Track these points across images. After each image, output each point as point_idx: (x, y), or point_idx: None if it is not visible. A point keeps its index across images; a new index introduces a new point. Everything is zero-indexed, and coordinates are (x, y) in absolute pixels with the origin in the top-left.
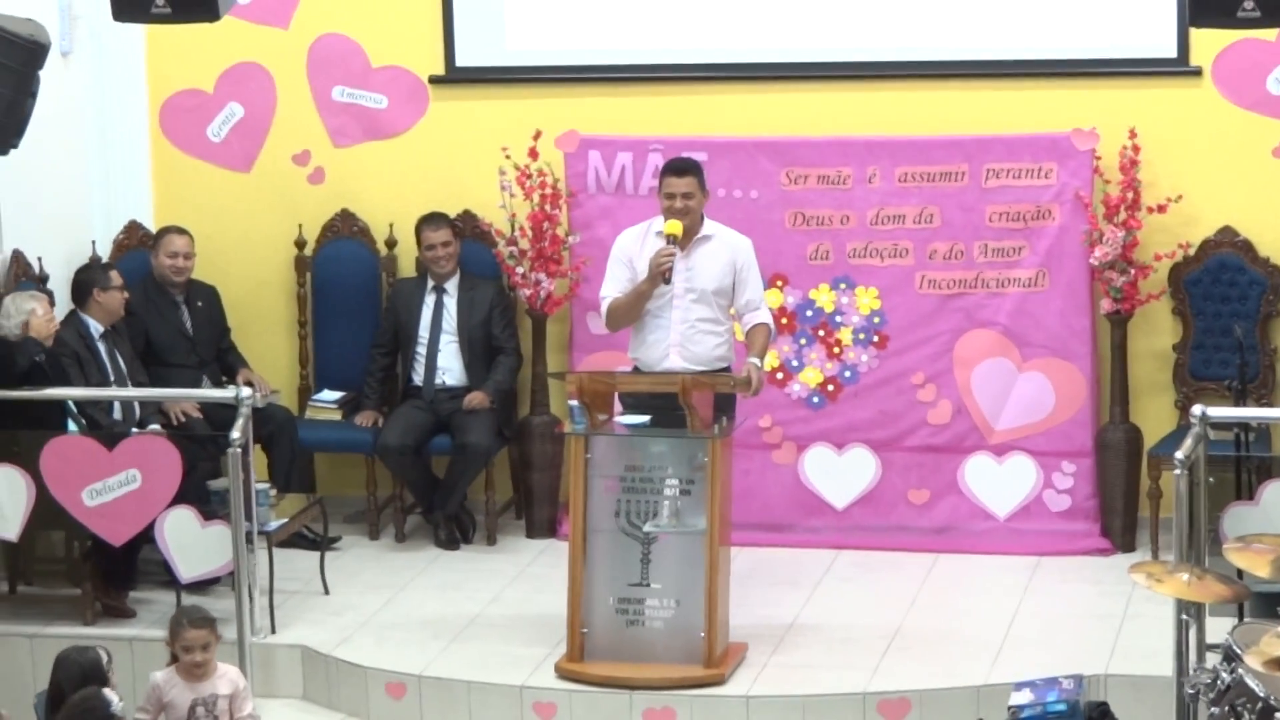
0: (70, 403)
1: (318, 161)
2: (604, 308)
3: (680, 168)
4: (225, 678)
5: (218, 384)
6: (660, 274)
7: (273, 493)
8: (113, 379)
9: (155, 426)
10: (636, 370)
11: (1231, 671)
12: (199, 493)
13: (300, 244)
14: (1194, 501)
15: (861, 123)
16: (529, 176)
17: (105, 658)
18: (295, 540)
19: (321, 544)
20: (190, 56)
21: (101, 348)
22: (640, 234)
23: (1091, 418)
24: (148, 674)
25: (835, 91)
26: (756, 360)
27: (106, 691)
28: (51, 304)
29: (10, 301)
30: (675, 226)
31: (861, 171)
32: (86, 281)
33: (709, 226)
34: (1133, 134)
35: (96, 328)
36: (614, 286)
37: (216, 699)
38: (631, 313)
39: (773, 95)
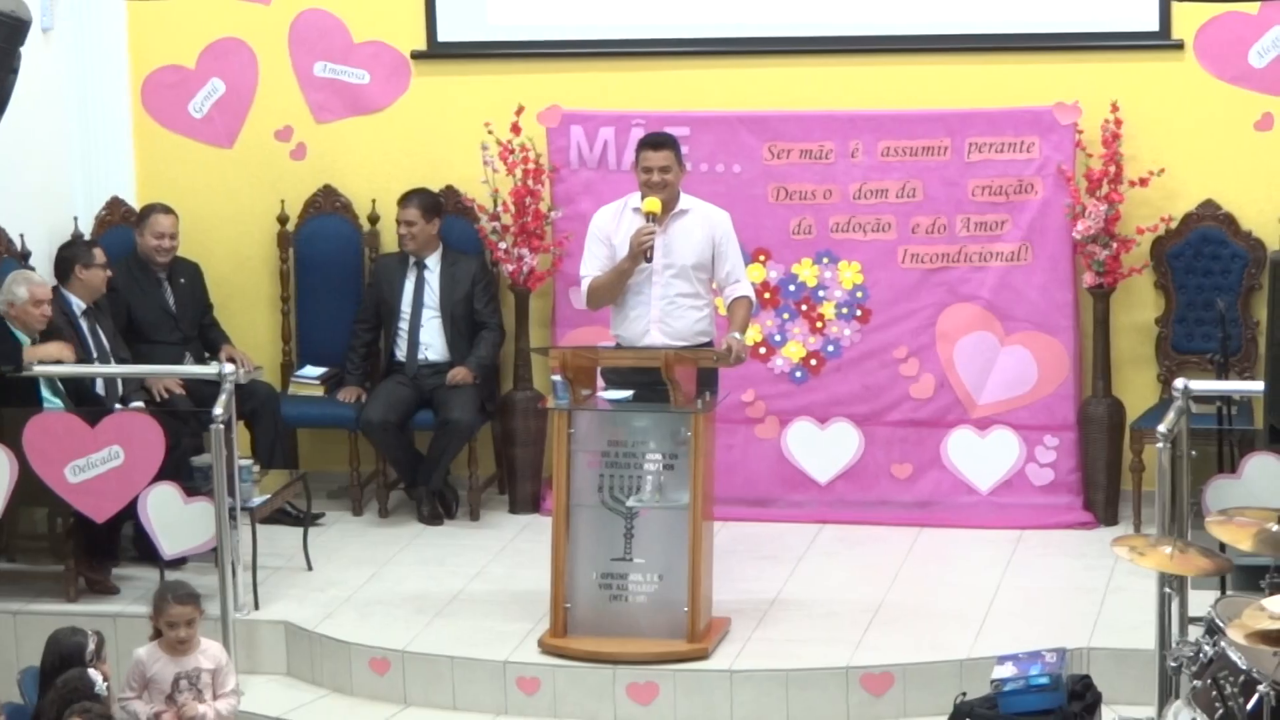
0: (56, 380)
1: (300, 137)
2: (584, 286)
3: (657, 142)
4: (208, 653)
5: (200, 360)
6: (641, 252)
7: (255, 469)
8: (95, 356)
9: (138, 403)
10: (619, 346)
11: (1214, 644)
12: (182, 469)
13: (283, 220)
14: (1176, 475)
15: (844, 97)
16: (511, 151)
17: (94, 641)
18: (278, 516)
19: (305, 520)
20: (172, 32)
21: (84, 324)
22: (617, 211)
23: (1074, 391)
24: (131, 650)
25: (817, 66)
26: (737, 334)
27: (90, 672)
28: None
29: (9, 280)
30: (654, 204)
31: (844, 146)
32: (69, 258)
33: (686, 201)
34: (1115, 108)
35: (78, 304)
36: (593, 265)
37: (200, 673)
38: (612, 291)
39: (755, 70)
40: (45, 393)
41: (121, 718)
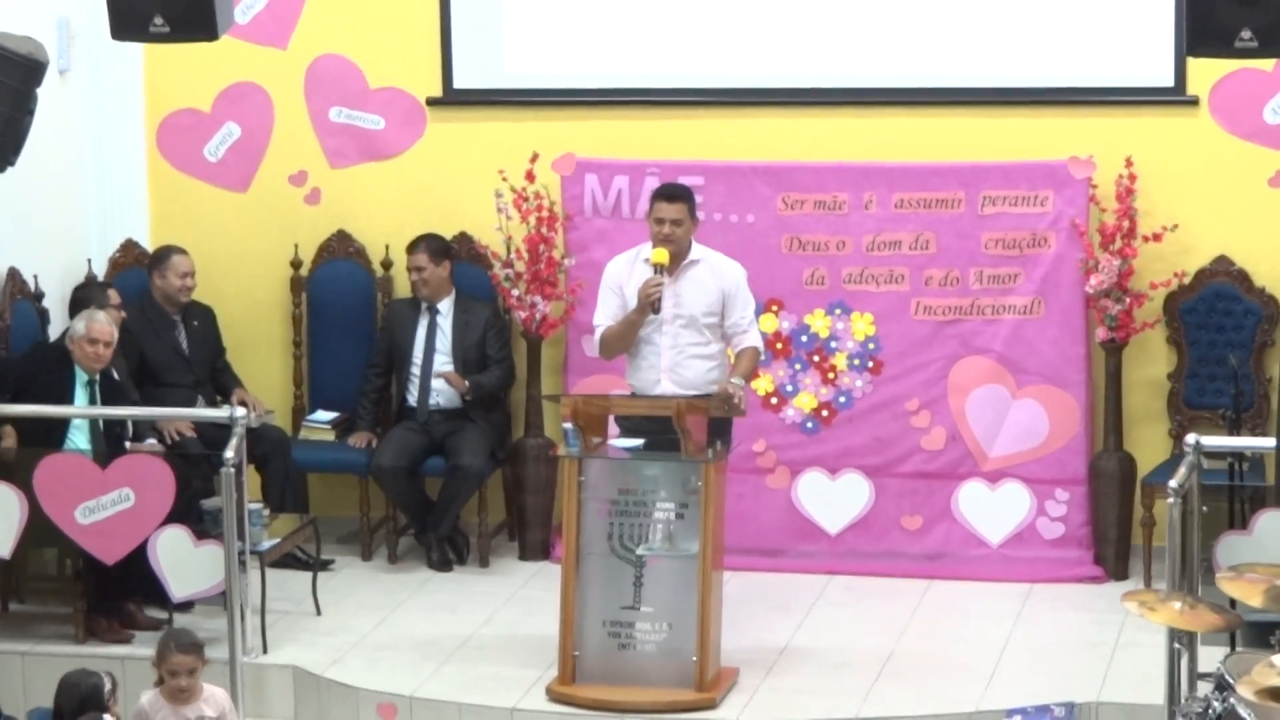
0: (99, 424)
1: (314, 182)
2: (596, 336)
3: (671, 194)
4: (212, 700)
5: (212, 404)
6: (649, 304)
7: (266, 513)
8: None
9: (152, 441)
10: (634, 395)
11: (1223, 701)
12: (192, 512)
13: (296, 264)
14: (1187, 530)
15: (858, 149)
16: (525, 199)
17: (109, 684)
18: (288, 561)
19: (314, 565)
20: (188, 76)
21: (128, 386)
22: (629, 261)
23: (1085, 445)
24: (139, 692)
25: (832, 117)
26: (736, 379)
27: (106, 718)
28: (114, 333)
29: (83, 312)
30: (662, 255)
31: (858, 197)
32: (84, 300)
33: (698, 251)
34: (1129, 162)
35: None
36: (605, 315)
37: None
38: (624, 341)
39: (770, 120)
40: (74, 436)
41: None
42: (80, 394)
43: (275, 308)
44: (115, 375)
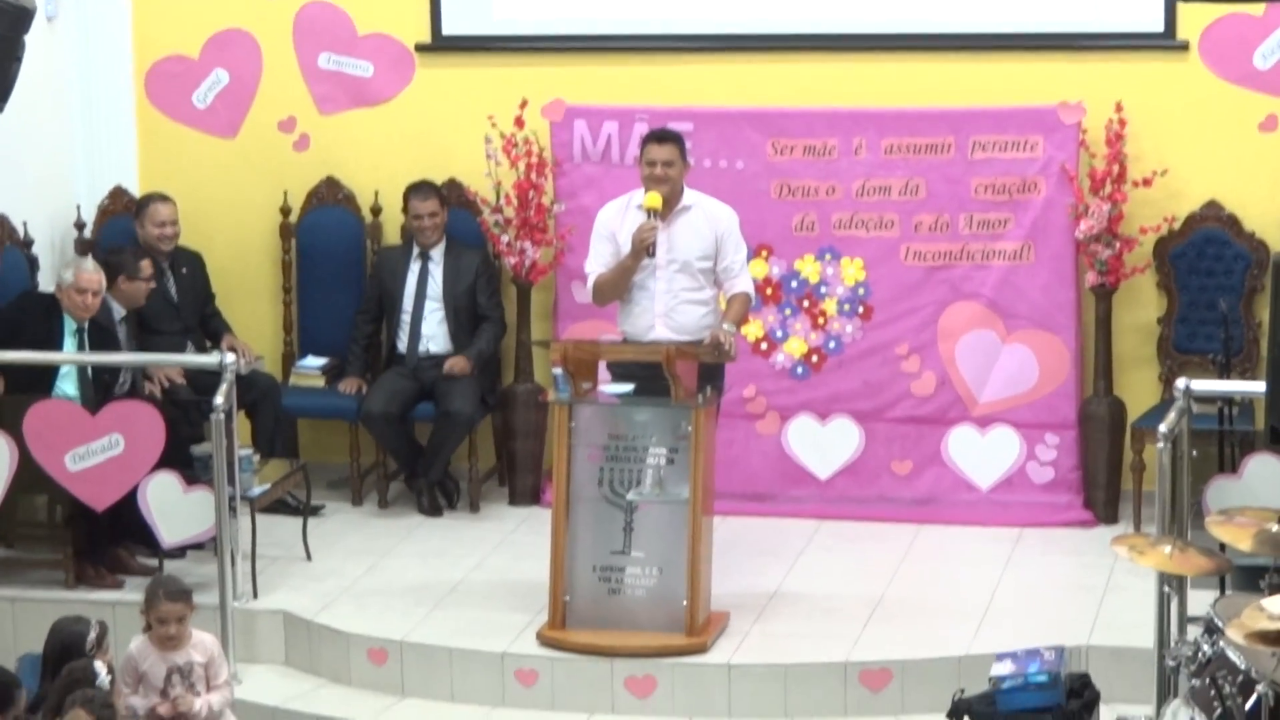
0: (87, 371)
1: (303, 128)
2: (589, 283)
3: (662, 136)
4: (200, 645)
5: (202, 350)
6: (644, 248)
7: (256, 458)
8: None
9: (153, 388)
10: (625, 341)
11: (1213, 644)
12: (182, 458)
13: (285, 211)
14: (1177, 474)
15: (848, 94)
16: (515, 145)
17: (96, 631)
18: (278, 506)
19: (304, 510)
20: (176, 22)
21: (121, 331)
22: (621, 207)
23: (1075, 390)
24: (129, 638)
25: (822, 63)
26: (727, 325)
27: (96, 664)
28: (102, 281)
29: (69, 259)
30: (655, 199)
31: (848, 143)
32: (115, 265)
33: (690, 196)
34: (1119, 108)
35: (118, 310)
36: (598, 262)
37: (192, 666)
38: (617, 287)
39: (759, 66)
40: (62, 384)
41: (123, 711)
42: (69, 342)
43: (264, 254)
44: (131, 315)
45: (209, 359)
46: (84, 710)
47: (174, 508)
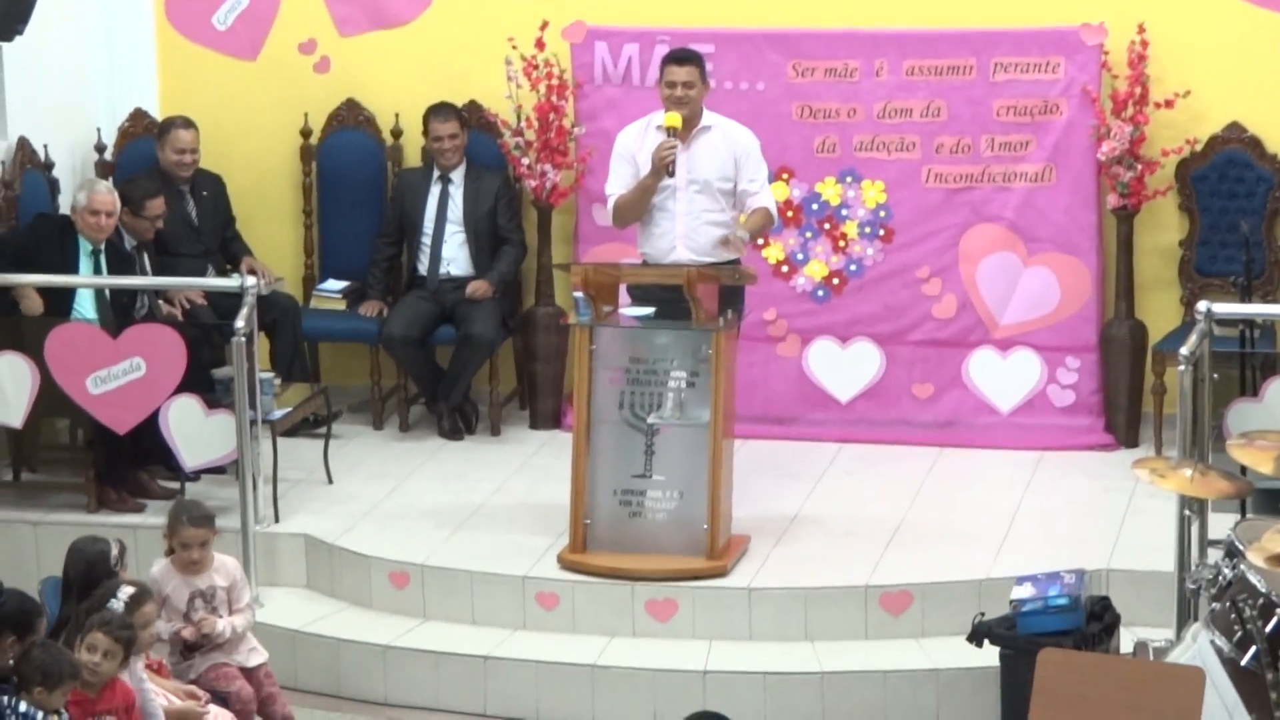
0: (105, 294)
1: (324, 50)
2: (609, 205)
3: (681, 56)
4: (223, 569)
5: (222, 273)
6: (664, 167)
7: (277, 382)
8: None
9: (172, 310)
10: (645, 263)
11: (1233, 567)
12: (203, 381)
13: (306, 133)
14: (1198, 398)
15: (869, 15)
16: (535, 67)
17: (116, 549)
18: (299, 427)
19: (327, 419)
20: None
21: (136, 258)
22: (640, 129)
23: (1096, 313)
24: (151, 560)
25: None
26: (742, 232)
27: (124, 589)
28: (115, 203)
29: (82, 181)
30: (674, 119)
31: (869, 64)
32: (125, 196)
33: (709, 118)
34: (1141, 29)
35: (129, 240)
36: (618, 183)
37: (215, 590)
38: (638, 208)
39: None
40: (80, 306)
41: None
42: (85, 264)
43: (285, 177)
44: (130, 244)
45: (230, 282)
46: (102, 633)
47: (195, 431)
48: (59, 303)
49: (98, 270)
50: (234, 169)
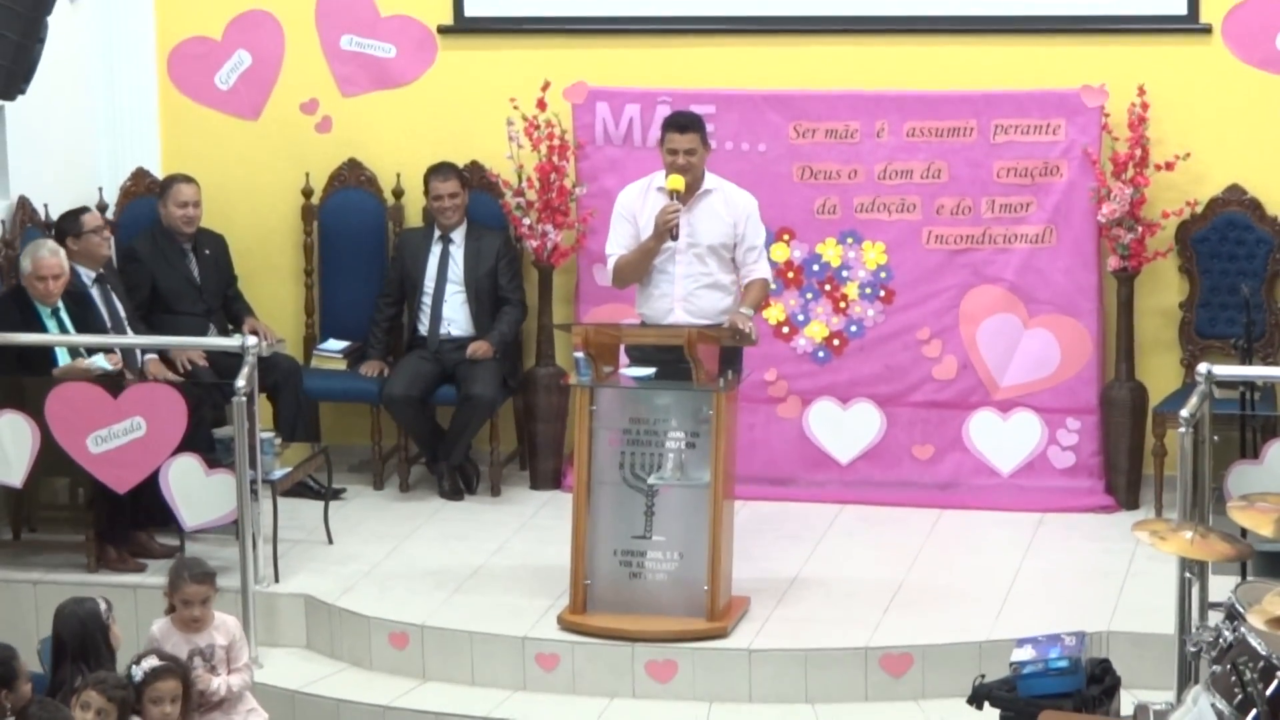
0: (81, 350)
1: (325, 110)
2: (609, 265)
3: (683, 124)
4: (222, 628)
5: (224, 332)
6: (667, 230)
7: (277, 441)
8: (108, 324)
9: (153, 355)
10: (644, 324)
11: (1234, 630)
12: (204, 441)
13: (307, 193)
14: (1198, 459)
15: (870, 77)
16: (537, 127)
17: (105, 606)
18: (299, 490)
19: (326, 494)
20: (199, 3)
21: (95, 293)
22: (642, 189)
23: (1097, 375)
24: (150, 620)
25: (844, 45)
26: (746, 309)
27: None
28: (62, 264)
29: (27, 248)
30: (677, 181)
31: (869, 126)
32: (61, 231)
33: (711, 181)
34: (1141, 91)
35: (87, 274)
36: (618, 243)
37: (214, 648)
38: (638, 270)
39: (781, 49)
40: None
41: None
42: (50, 326)
43: (287, 236)
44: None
45: (231, 341)
46: (96, 691)
47: (196, 490)
48: (42, 364)
49: (62, 328)
50: (235, 228)
